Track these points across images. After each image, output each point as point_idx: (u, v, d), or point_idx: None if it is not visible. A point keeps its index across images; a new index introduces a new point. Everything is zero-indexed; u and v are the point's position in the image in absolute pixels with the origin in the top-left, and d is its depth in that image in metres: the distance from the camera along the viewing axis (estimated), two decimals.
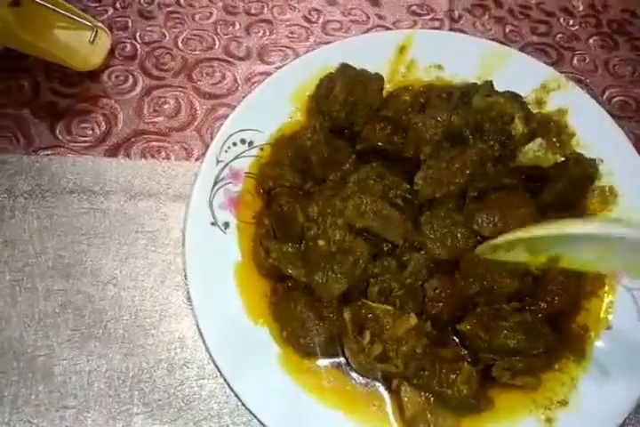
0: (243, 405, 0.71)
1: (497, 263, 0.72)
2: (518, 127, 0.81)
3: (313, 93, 0.90)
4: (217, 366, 0.72)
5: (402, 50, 0.95)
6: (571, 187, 0.80)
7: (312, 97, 0.89)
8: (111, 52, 1.01)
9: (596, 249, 0.61)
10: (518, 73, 0.92)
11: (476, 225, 0.75)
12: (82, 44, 0.96)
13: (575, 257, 0.64)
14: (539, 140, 0.80)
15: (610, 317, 0.78)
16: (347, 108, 0.83)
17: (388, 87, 0.91)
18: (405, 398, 0.69)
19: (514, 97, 0.84)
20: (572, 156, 0.83)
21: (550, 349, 0.72)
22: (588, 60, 1.05)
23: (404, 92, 0.86)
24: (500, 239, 0.68)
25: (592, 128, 0.89)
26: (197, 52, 1.03)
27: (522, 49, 1.04)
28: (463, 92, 0.87)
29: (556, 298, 0.74)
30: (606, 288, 0.79)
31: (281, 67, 0.95)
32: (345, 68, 0.87)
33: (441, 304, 0.72)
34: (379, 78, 0.87)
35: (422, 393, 0.70)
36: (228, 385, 0.72)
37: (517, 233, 0.66)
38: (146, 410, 0.75)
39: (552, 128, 0.87)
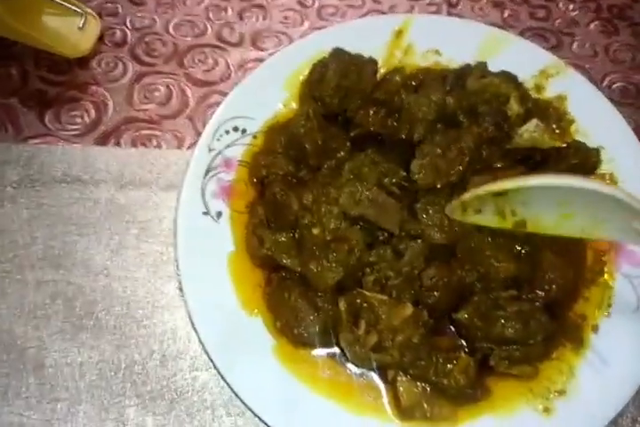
0: (236, 396, 0.70)
1: (493, 246, 0.72)
2: (514, 107, 0.79)
3: (305, 79, 0.88)
4: (210, 358, 0.71)
5: (398, 35, 0.93)
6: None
7: (304, 82, 0.87)
8: (100, 38, 0.99)
9: (556, 207, 0.66)
10: (517, 58, 0.90)
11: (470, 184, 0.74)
12: (71, 30, 0.94)
13: (538, 219, 0.69)
14: (535, 120, 0.79)
15: (609, 305, 0.77)
16: (340, 94, 0.81)
17: (383, 72, 0.90)
18: (401, 389, 0.68)
19: (509, 77, 0.82)
20: (573, 144, 0.82)
21: (548, 337, 0.71)
22: (587, 46, 1.03)
23: (396, 74, 0.84)
24: (468, 194, 0.69)
25: (592, 114, 0.87)
26: (189, 38, 1.01)
27: (520, 34, 1.02)
28: (457, 74, 0.85)
29: (554, 286, 0.73)
30: (605, 276, 0.78)
31: (274, 53, 0.93)
32: (338, 52, 0.85)
33: (438, 293, 0.71)
34: (372, 62, 0.86)
35: (418, 383, 0.69)
36: (222, 377, 0.71)
37: (485, 187, 0.68)
38: (138, 402, 0.74)
39: (551, 114, 0.86)
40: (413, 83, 0.85)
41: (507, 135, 0.78)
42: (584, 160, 0.80)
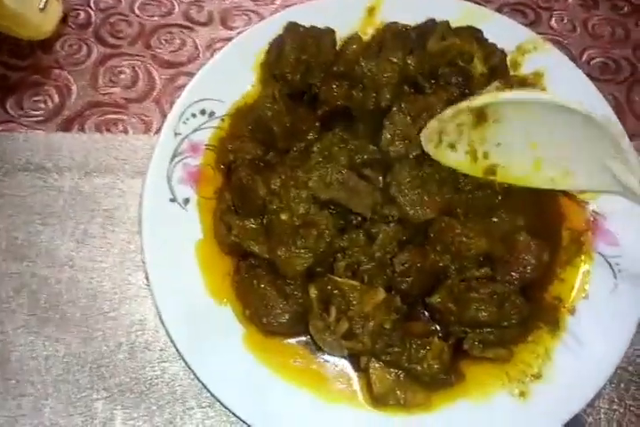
0: (205, 388, 0.68)
1: (463, 224, 0.72)
2: (477, 67, 0.77)
3: (264, 59, 0.84)
4: (177, 349, 0.69)
5: (371, 11, 0.90)
6: None
7: (264, 63, 0.84)
8: (63, 19, 0.95)
9: (528, 151, 0.72)
10: (494, 34, 0.87)
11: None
12: (32, 11, 0.90)
13: (509, 166, 0.74)
14: (495, 83, 0.77)
15: (586, 286, 0.75)
16: (301, 69, 0.78)
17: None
18: (374, 376, 0.67)
19: (472, 35, 0.80)
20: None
21: (524, 320, 0.69)
22: (566, 21, 1.01)
23: (352, 42, 0.80)
24: (447, 111, 0.72)
25: (570, 91, 0.85)
26: (155, 18, 0.97)
27: (498, 9, 0.99)
28: (419, 33, 0.82)
29: (529, 268, 0.71)
30: (583, 257, 0.77)
31: (244, 31, 0.89)
32: (292, 26, 0.82)
33: (410, 279, 0.69)
34: (330, 32, 0.82)
35: (392, 370, 0.68)
36: (190, 368, 0.69)
37: (462, 103, 0.72)
38: (106, 395, 0.73)
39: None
40: (374, 47, 0.82)
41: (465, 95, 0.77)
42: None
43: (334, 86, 0.77)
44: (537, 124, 0.70)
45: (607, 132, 0.65)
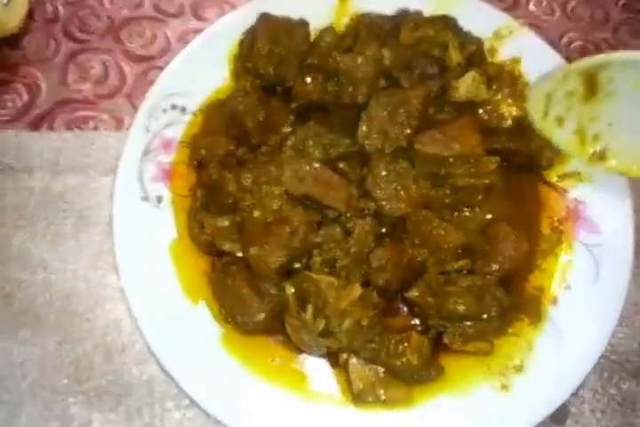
0: (181, 390, 0.67)
1: (440, 217, 0.71)
2: (453, 56, 0.76)
3: (236, 52, 0.82)
4: (152, 352, 0.68)
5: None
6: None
7: (236, 56, 0.82)
8: (30, 14, 0.92)
9: None
10: (469, 20, 0.85)
11: (419, 144, 0.71)
12: None
13: (620, 151, 0.70)
14: (472, 73, 0.75)
15: (567, 275, 0.74)
16: (274, 62, 0.76)
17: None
18: (353, 374, 0.66)
19: (446, 25, 0.78)
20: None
21: (503, 312, 0.68)
22: (544, 4, 0.98)
23: (325, 34, 0.78)
24: (557, 73, 0.71)
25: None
26: (125, 11, 0.94)
27: None
28: (392, 25, 0.80)
29: (508, 258, 0.70)
30: (564, 246, 0.76)
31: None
32: (265, 18, 0.80)
33: (387, 274, 0.67)
34: (303, 24, 0.80)
35: (371, 366, 0.67)
36: (165, 370, 0.68)
37: (572, 64, 0.70)
38: (84, 399, 0.71)
39: (505, 78, 0.81)
40: (348, 41, 0.80)
41: (444, 88, 0.76)
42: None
43: (308, 80, 0.75)
44: None
45: None
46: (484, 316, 0.67)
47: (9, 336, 0.74)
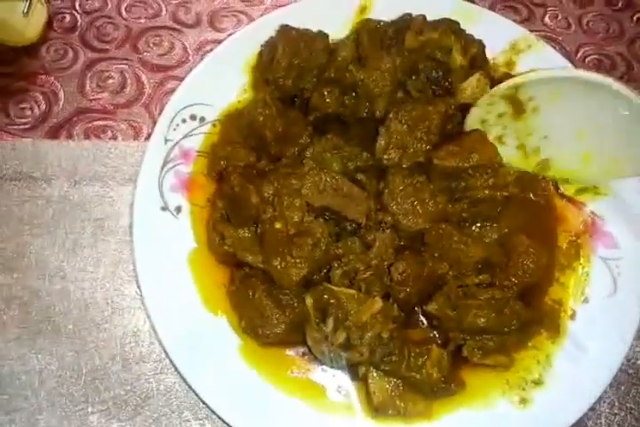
0: (201, 400, 0.67)
1: (461, 231, 0.71)
2: (457, 59, 0.77)
3: (256, 63, 0.83)
4: (172, 362, 0.68)
5: (363, 11, 0.88)
6: None
7: (255, 67, 0.83)
8: (48, 24, 0.93)
9: (575, 142, 0.73)
10: (487, 33, 0.86)
11: (437, 159, 0.72)
12: (15, 16, 0.88)
13: (561, 159, 0.75)
14: (476, 75, 0.77)
15: (586, 289, 0.75)
16: (293, 74, 0.77)
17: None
18: (372, 386, 0.66)
19: (449, 28, 0.79)
20: None
21: (523, 326, 0.68)
22: (560, 17, 0.99)
23: (342, 49, 0.78)
24: (483, 97, 0.75)
25: None
26: (142, 21, 0.95)
27: (491, 7, 0.98)
28: (395, 30, 0.81)
29: (528, 272, 0.70)
30: (581, 260, 0.76)
31: (233, 33, 0.87)
32: (285, 29, 0.81)
33: (408, 288, 0.68)
34: (323, 36, 0.81)
35: (391, 379, 0.67)
36: (185, 380, 0.68)
37: (494, 88, 0.74)
38: (102, 408, 0.71)
39: None
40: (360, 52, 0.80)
41: (448, 91, 0.77)
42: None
43: (326, 93, 0.75)
44: (577, 110, 0.71)
45: None
46: (505, 329, 0.67)
47: (27, 344, 0.74)
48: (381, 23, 0.84)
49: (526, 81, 0.71)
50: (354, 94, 0.75)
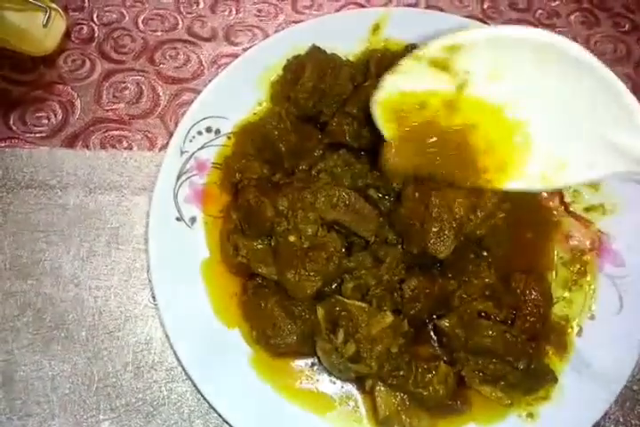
0: (212, 409, 0.68)
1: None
2: None
3: (280, 78, 0.84)
4: (184, 369, 0.69)
5: (376, 29, 0.91)
6: None
7: (279, 82, 0.84)
8: (66, 34, 0.94)
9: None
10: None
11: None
12: (34, 27, 0.89)
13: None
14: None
15: (592, 306, 0.76)
16: (315, 97, 0.78)
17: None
18: (379, 399, 0.67)
19: None
20: None
21: (528, 372, 0.68)
22: (568, 38, 1.00)
23: (370, 89, 0.77)
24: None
25: None
26: (159, 33, 0.97)
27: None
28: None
29: (540, 305, 0.71)
30: (588, 277, 0.77)
31: (249, 48, 0.89)
32: (315, 51, 0.82)
33: (419, 305, 0.69)
34: (350, 66, 0.82)
35: (397, 394, 0.67)
36: (197, 389, 0.69)
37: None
38: (113, 416, 0.72)
39: None
40: None
41: None
42: None
43: (345, 126, 0.77)
44: (525, 85, 0.60)
45: (611, 87, 0.56)
46: (509, 358, 0.67)
47: (40, 350, 0.75)
48: (388, 55, 0.85)
49: (466, 42, 0.61)
50: (371, 128, 0.75)
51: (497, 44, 0.61)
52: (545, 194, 0.82)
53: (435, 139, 0.67)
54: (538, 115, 0.63)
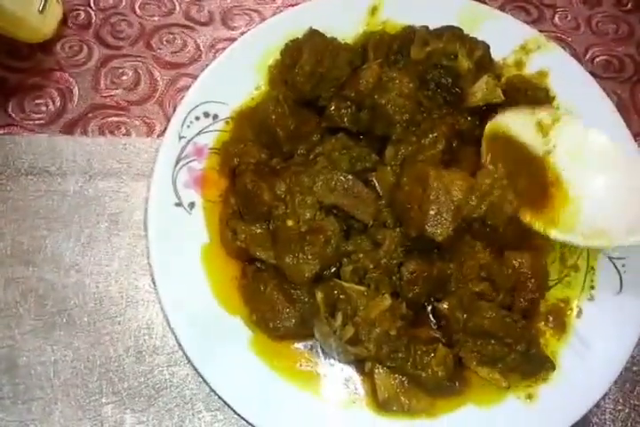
0: (213, 391, 0.69)
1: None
2: (463, 64, 0.77)
3: (277, 61, 0.84)
4: (185, 353, 0.70)
5: (373, 11, 0.89)
6: None
7: (276, 66, 0.84)
8: (63, 20, 0.94)
9: None
10: (497, 33, 0.87)
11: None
12: (30, 13, 0.88)
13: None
14: (485, 77, 0.77)
15: (592, 287, 0.76)
16: (313, 81, 0.77)
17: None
18: (379, 382, 0.67)
19: (454, 35, 0.80)
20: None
21: (527, 354, 0.69)
22: (569, 18, 1.00)
23: (369, 75, 0.77)
24: None
25: (574, 90, 0.85)
26: (156, 18, 0.96)
27: (500, 7, 0.98)
28: (401, 43, 0.82)
29: (530, 296, 0.72)
30: (588, 258, 0.77)
31: (246, 32, 0.88)
32: (313, 34, 0.81)
33: (417, 288, 0.69)
34: (348, 50, 0.81)
35: (396, 376, 0.68)
36: (197, 372, 0.69)
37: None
38: (116, 399, 0.73)
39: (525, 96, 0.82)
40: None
41: (460, 96, 0.78)
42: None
43: (343, 109, 0.76)
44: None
45: None
46: (507, 340, 0.68)
47: (43, 336, 0.76)
48: (386, 38, 0.85)
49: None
50: (369, 111, 0.76)
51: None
52: None
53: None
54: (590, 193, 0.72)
